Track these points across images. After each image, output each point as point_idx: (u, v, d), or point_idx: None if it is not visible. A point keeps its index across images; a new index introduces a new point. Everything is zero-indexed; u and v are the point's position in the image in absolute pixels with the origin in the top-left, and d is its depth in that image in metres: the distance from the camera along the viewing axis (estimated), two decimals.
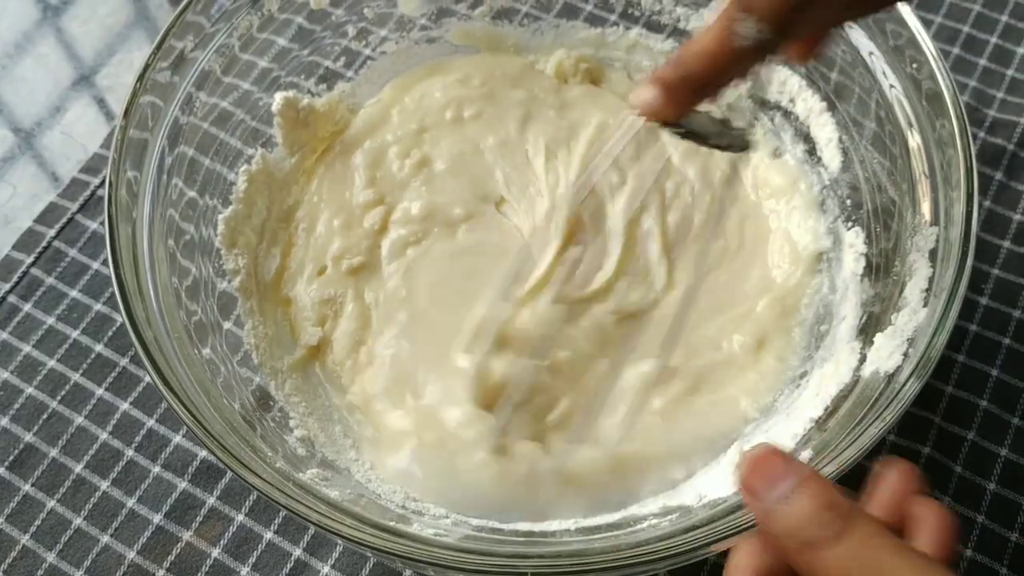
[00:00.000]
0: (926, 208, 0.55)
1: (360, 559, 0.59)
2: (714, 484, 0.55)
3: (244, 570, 0.59)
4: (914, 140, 0.56)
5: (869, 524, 0.39)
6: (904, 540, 0.50)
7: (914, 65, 0.56)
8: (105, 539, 0.60)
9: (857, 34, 0.59)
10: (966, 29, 0.78)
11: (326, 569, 0.59)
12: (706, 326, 0.63)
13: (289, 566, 0.59)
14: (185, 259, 0.58)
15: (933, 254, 0.53)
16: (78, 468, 0.62)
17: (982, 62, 0.77)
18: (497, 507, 0.55)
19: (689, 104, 0.47)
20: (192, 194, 0.60)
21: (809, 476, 0.41)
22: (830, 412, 0.54)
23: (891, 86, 0.58)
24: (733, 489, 0.46)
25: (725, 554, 0.56)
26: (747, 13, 0.43)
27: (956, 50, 0.77)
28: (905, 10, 0.56)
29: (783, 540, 0.40)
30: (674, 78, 0.46)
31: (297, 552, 0.60)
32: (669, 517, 0.52)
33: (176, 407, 0.48)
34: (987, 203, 0.70)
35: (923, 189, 0.55)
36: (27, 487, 0.62)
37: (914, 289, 0.53)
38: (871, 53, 0.59)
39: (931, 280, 0.52)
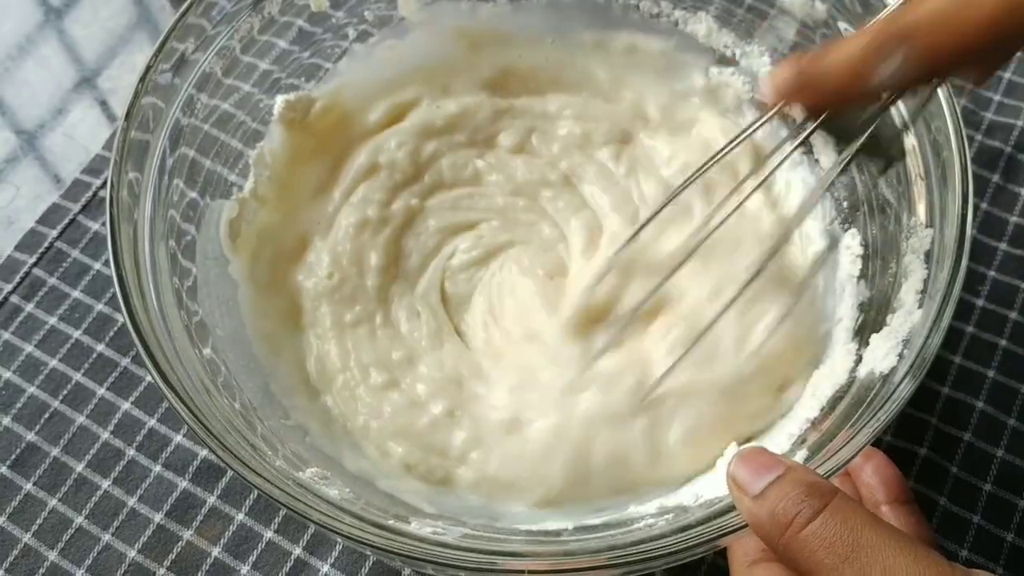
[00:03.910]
0: (921, 210, 0.55)
1: (359, 558, 0.60)
2: (710, 484, 0.55)
3: (244, 569, 0.60)
4: (910, 142, 0.56)
5: (847, 501, 0.41)
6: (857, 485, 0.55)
7: None
8: (106, 538, 0.61)
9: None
10: None
11: (326, 568, 0.59)
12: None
13: (289, 565, 0.60)
14: (186, 260, 0.58)
15: (928, 255, 0.53)
16: (79, 467, 0.63)
17: None
18: None
19: (812, 102, 0.49)
20: (193, 195, 0.60)
21: (792, 466, 0.43)
22: (826, 412, 0.54)
23: None
24: None
25: (721, 553, 0.57)
26: (899, 49, 0.44)
27: None
28: None
29: (766, 526, 0.42)
30: (810, 73, 0.47)
31: (297, 551, 0.60)
32: (666, 516, 0.52)
33: (177, 406, 0.48)
34: (984, 205, 0.71)
35: (918, 191, 0.55)
36: (29, 486, 0.62)
37: (909, 290, 0.53)
38: None
39: (926, 281, 0.53)
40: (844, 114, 0.50)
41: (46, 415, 0.64)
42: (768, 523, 0.41)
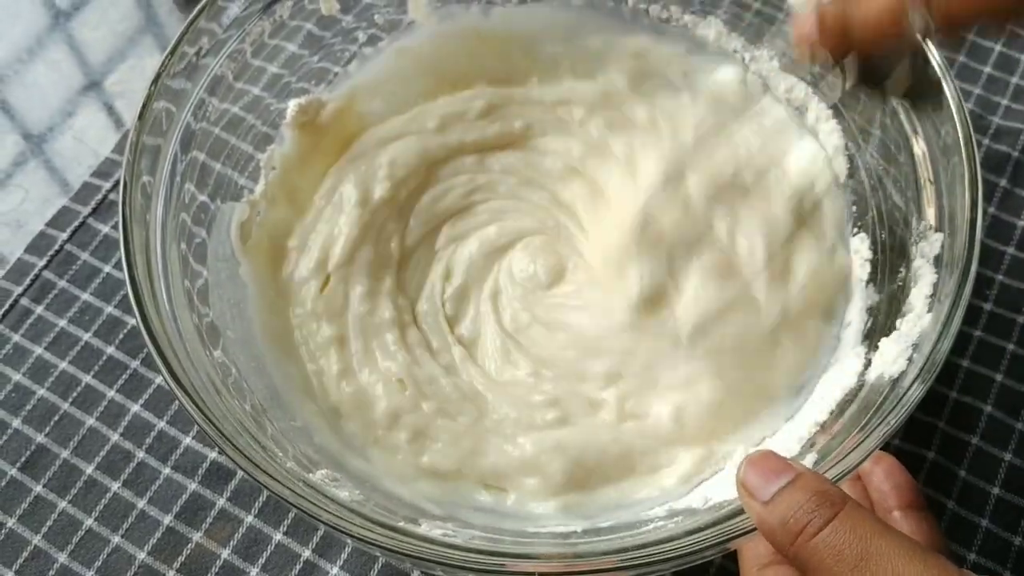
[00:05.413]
0: (931, 214, 0.55)
1: (369, 560, 0.60)
2: (719, 487, 0.56)
3: (254, 571, 0.60)
4: (919, 147, 0.56)
5: (857, 510, 0.41)
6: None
7: None
8: (116, 540, 0.61)
9: None
10: (971, 37, 0.78)
11: (335, 570, 0.60)
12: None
13: (298, 567, 0.60)
14: (197, 262, 0.58)
15: (938, 260, 0.53)
16: (89, 469, 0.63)
17: (987, 70, 0.77)
18: None
19: (835, 52, 0.49)
20: (203, 198, 0.60)
21: (803, 473, 0.43)
22: (835, 416, 0.54)
23: None
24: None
25: (731, 556, 0.57)
26: (925, 6, 0.45)
27: (961, 58, 0.78)
28: None
29: (777, 533, 0.42)
30: (834, 24, 0.48)
31: (306, 553, 0.60)
32: (675, 519, 0.52)
33: (188, 407, 0.48)
34: (992, 210, 0.71)
35: (928, 196, 0.55)
36: (39, 488, 0.62)
37: (919, 295, 0.53)
38: None
39: (935, 286, 0.53)
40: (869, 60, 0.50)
41: (56, 417, 0.65)
42: (779, 530, 0.41)
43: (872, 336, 0.57)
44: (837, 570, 0.39)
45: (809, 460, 0.50)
